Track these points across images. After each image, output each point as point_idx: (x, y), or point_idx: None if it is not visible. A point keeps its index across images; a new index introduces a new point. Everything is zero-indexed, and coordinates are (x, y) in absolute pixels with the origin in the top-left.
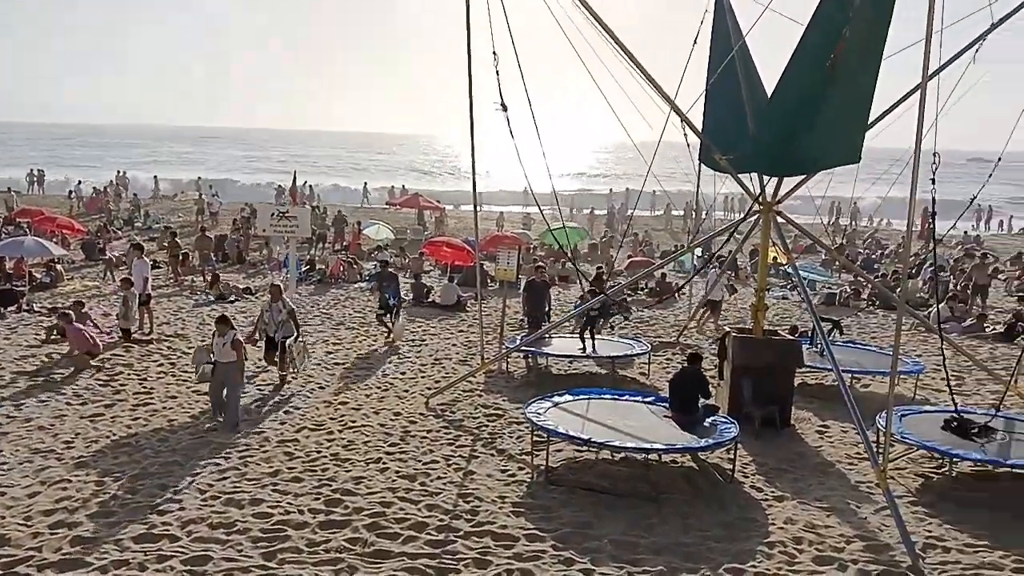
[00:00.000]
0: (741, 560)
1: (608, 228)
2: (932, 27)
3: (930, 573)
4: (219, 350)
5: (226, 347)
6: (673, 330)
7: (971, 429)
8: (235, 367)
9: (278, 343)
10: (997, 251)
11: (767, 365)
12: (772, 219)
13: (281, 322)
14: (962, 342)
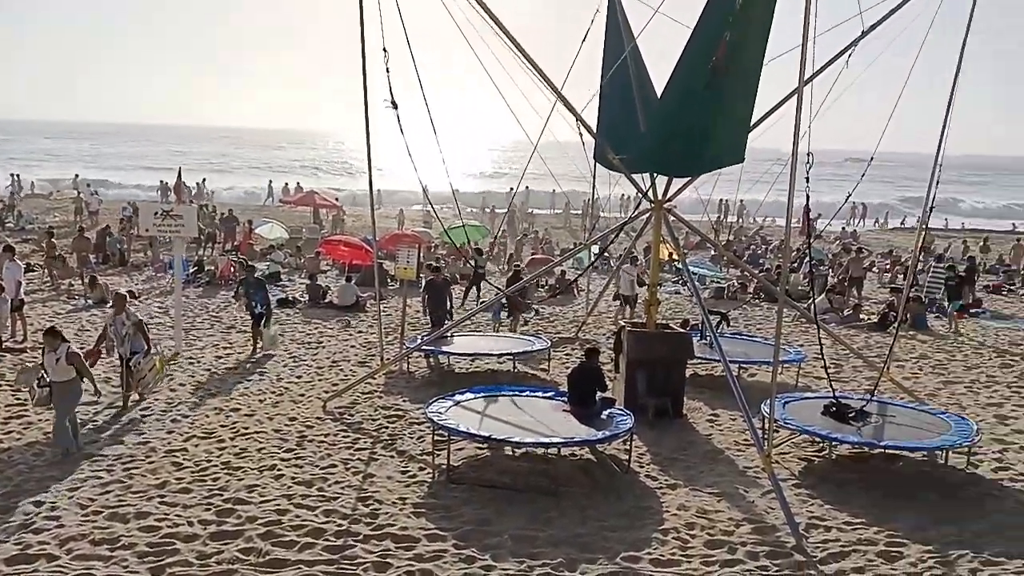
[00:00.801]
0: (637, 548)
1: (509, 226)
2: (807, 35)
3: (813, 551)
4: (52, 368)
5: (60, 363)
6: (572, 326)
7: (848, 414)
8: (72, 386)
9: (123, 359)
10: (872, 246)
11: (660, 358)
12: (663, 217)
13: (126, 336)
14: (840, 332)
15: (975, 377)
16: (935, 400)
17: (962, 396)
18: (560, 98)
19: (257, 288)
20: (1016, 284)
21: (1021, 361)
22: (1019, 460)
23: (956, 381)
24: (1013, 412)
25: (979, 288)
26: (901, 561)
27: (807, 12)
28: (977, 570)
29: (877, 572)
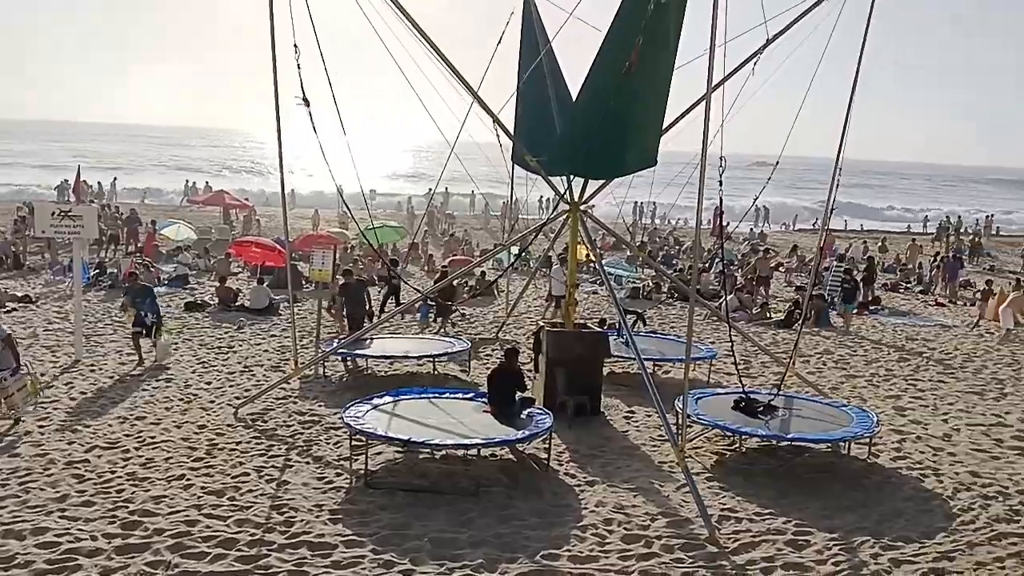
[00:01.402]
0: (556, 545)
1: (428, 227)
2: (715, 42)
3: (725, 542)
4: None
5: None
6: (493, 327)
7: (757, 408)
8: None
9: None
10: (778, 246)
11: (578, 357)
12: (579, 219)
13: None
14: (748, 329)
15: (875, 371)
16: (838, 393)
17: (863, 389)
18: (476, 99)
19: (144, 295)
20: (912, 282)
21: (917, 356)
22: (916, 449)
23: (857, 375)
24: (910, 404)
25: (878, 287)
26: (808, 549)
27: (714, 20)
28: (878, 554)
29: (786, 560)
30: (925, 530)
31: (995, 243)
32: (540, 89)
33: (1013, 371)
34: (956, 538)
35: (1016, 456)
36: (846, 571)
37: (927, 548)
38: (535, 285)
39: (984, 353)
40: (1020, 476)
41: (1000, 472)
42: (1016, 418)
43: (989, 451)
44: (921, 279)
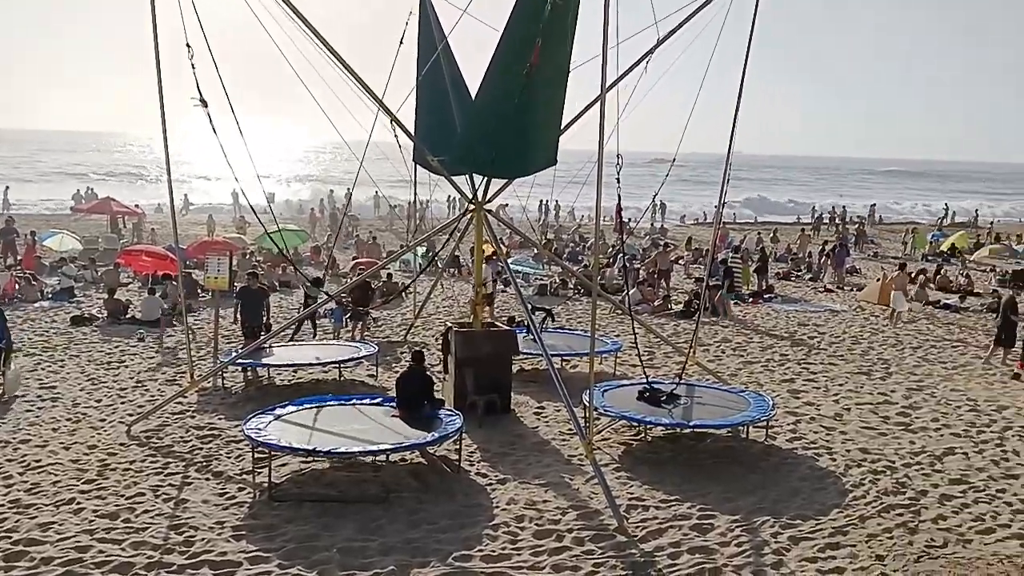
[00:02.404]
0: (468, 546)
1: (331, 230)
2: (607, 43)
3: (634, 531)
4: None
5: None
6: (401, 329)
7: (660, 397)
8: None
9: None
10: (678, 240)
11: (487, 355)
12: (484, 218)
13: None
14: (651, 321)
15: (770, 356)
16: (736, 379)
17: (760, 374)
18: (375, 99)
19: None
20: (802, 271)
21: (809, 340)
22: (810, 430)
23: (754, 361)
24: (803, 387)
25: (771, 275)
26: (712, 532)
27: (605, 22)
28: (778, 533)
29: (692, 545)
30: (820, 507)
31: (878, 231)
32: (439, 88)
33: (897, 351)
34: (849, 513)
35: (901, 431)
36: (748, 551)
37: (823, 524)
38: (442, 286)
39: (870, 335)
40: (905, 450)
41: (887, 447)
42: (900, 395)
43: (877, 428)
44: (811, 267)
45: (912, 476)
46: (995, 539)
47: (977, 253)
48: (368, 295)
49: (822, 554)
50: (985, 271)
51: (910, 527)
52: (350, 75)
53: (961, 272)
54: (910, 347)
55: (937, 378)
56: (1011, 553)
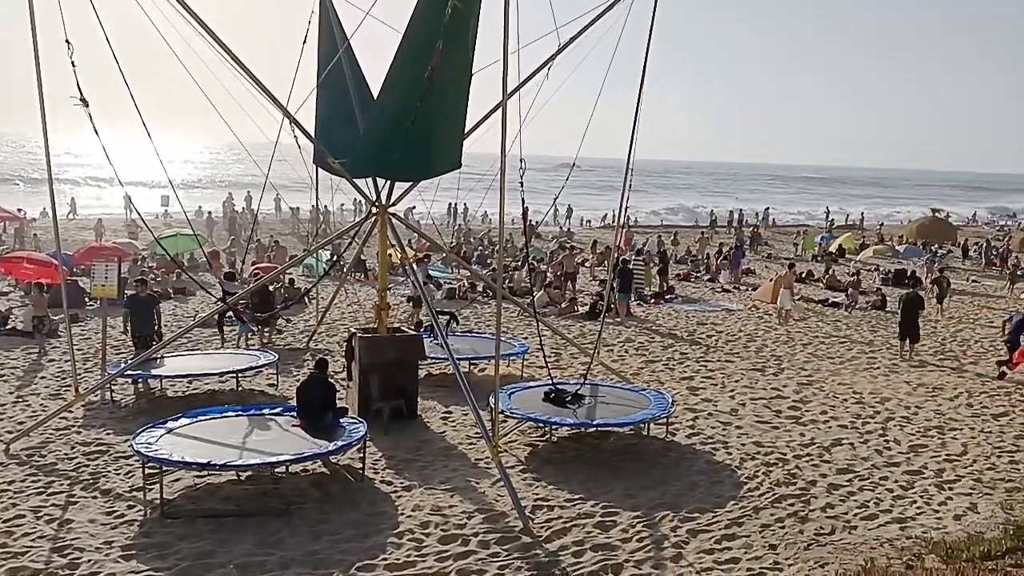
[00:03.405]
0: (372, 556)
1: (230, 233)
2: (508, 49)
3: (539, 531)
4: None
5: None
6: (303, 336)
7: (565, 398)
8: None
9: None
10: (584, 243)
11: (392, 361)
12: (388, 221)
13: None
14: (558, 323)
15: (671, 355)
16: (639, 378)
17: (661, 373)
18: (272, 100)
19: None
20: (701, 272)
21: (707, 339)
22: (707, 425)
23: (656, 360)
24: (701, 384)
25: (672, 277)
26: (615, 529)
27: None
28: (677, 527)
29: (595, 543)
30: (717, 499)
31: (772, 233)
32: (341, 90)
33: (788, 348)
34: (744, 504)
35: (792, 424)
36: (649, 546)
37: (719, 516)
38: (345, 291)
39: (764, 333)
40: (796, 442)
41: (779, 440)
42: (792, 390)
43: (770, 422)
44: (709, 268)
45: (802, 467)
46: (878, 524)
47: (862, 253)
48: (270, 300)
49: (719, 545)
50: (870, 270)
51: (800, 516)
52: (246, 75)
53: (849, 272)
54: (801, 343)
55: (826, 373)
56: (892, 537)
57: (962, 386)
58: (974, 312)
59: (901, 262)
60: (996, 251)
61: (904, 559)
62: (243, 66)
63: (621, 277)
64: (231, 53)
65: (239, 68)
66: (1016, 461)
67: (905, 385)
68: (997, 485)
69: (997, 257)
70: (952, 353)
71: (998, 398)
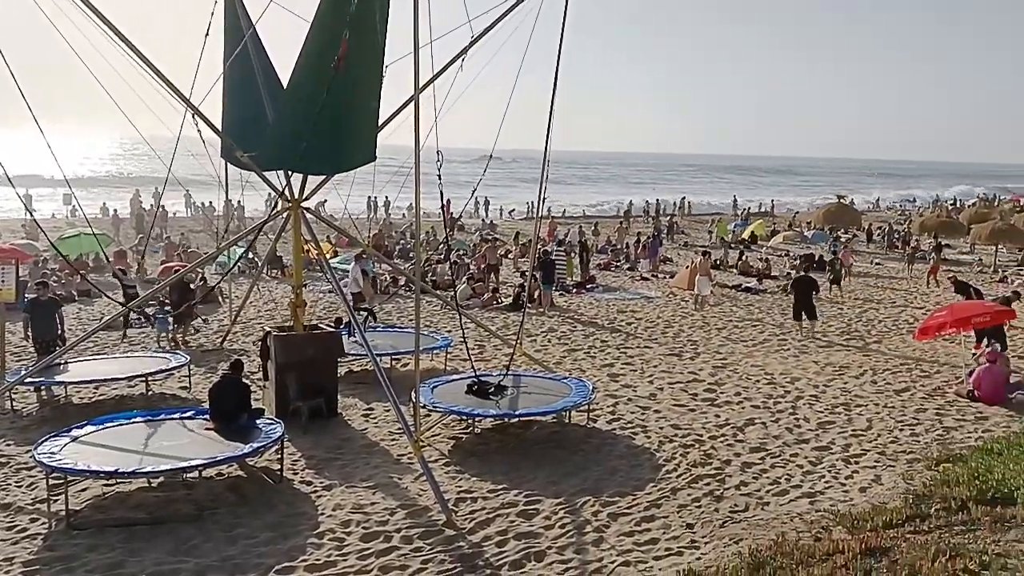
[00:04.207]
0: (291, 557)
1: (137, 231)
2: (418, 42)
3: (462, 524)
4: None
5: None
6: (217, 336)
7: (488, 390)
8: None
9: None
10: (507, 235)
11: (310, 359)
12: (301, 216)
13: None
14: (482, 315)
15: (592, 343)
16: (561, 367)
17: (582, 361)
18: (174, 91)
19: None
20: (621, 261)
21: (627, 326)
22: (627, 411)
23: (577, 349)
24: (621, 370)
25: (592, 266)
26: (537, 517)
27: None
28: (598, 511)
29: (518, 531)
30: (637, 483)
31: (688, 222)
32: (248, 81)
33: (704, 332)
34: (662, 486)
35: (708, 406)
36: (571, 532)
37: (639, 499)
38: (258, 289)
39: (681, 319)
40: (711, 423)
41: (696, 422)
42: (707, 373)
43: (687, 405)
44: (628, 257)
45: (717, 447)
46: (788, 499)
47: (773, 240)
48: (189, 297)
49: (638, 527)
50: (780, 256)
51: (716, 495)
52: (144, 64)
53: (760, 257)
54: (716, 328)
55: (739, 355)
56: (802, 511)
57: (867, 364)
58: (878, 293)
59: (810, 247)
60: (897, 235)
61: (813, 532)
62: (141, 55)
63: (543, 268)
64: (127, 41)
65: (137, 57)
66: (916, 434)
67: (814, 365)
68: (899, 457)
69: (899, 240)
70: (857, 333)
71: (900, 375)
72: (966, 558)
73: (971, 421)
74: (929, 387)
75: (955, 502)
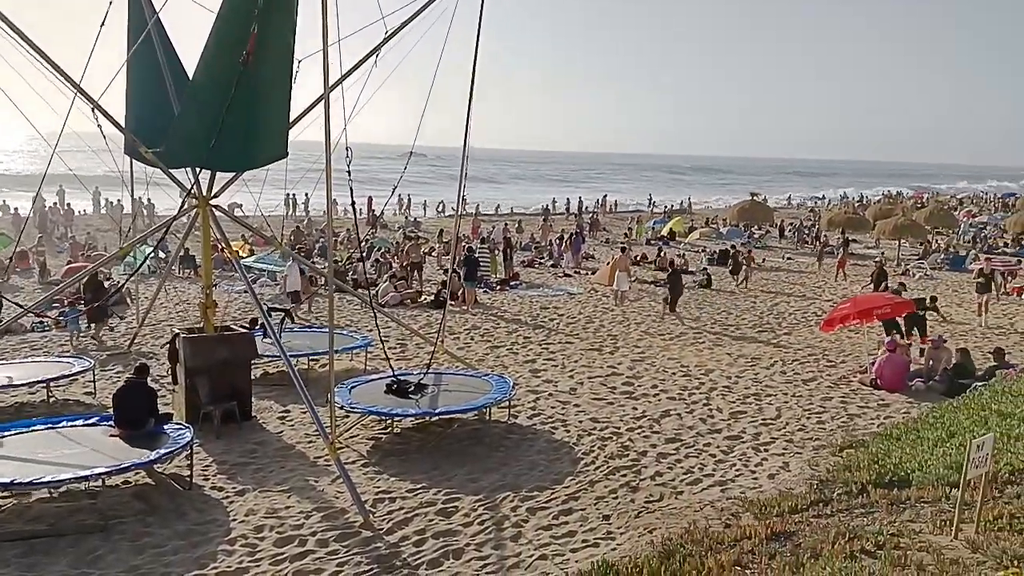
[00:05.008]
0: (202, 566)
1: (39, 231)
2: (327, 39)
3: (380, 525)
4: None
5: None
6: (125, 339)
7: (408, 389)
8: None
9: None
10: (431, 232)
11: (222, 362)
12: (210, 214)
13: None
14: (403, 313)
15: (515, 340)
16: (484, 364)
17: (505, 357)
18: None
19: None
20: (544, 258)
21: (549, 322)
22: (548, 405)
23: (500, 345)
24: (543, 366)
25: (516, 264)
26: (457, 514)
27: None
28: (517, 506)
29: (436, 530)
30: (556, 476)
31: (610, 219)
32: (153, 74)
33: (624, 327)
34: (580, 479)
35: (626, 399)
36: (490, 528)
37: (557, 493)
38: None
39: (602, 314)
40: (629, 416)
41: (614, 415)
42: (626, 367)
43: (605, 398)
44: (552, 254)
45: (634, 439)
46: (701, 488)
47: (690, 236)
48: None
49: (556, 521)
50: (698, 252)
51: (632, 486)
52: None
53: (678, 253)
54: (635, 322)
55: (657, 349)
56: (713, 499)
57: (777, 355)
58: (788, 287)
59: (725, 243)
60: (808, 231)
61: (723, 519)
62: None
63: (467, 265)
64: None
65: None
66: (822, 421)
67: (727, 356)
68: (806, 444)
69: (809, 236)
70: (768, 325)
71: (808, 365)
72: (863, 539)
73: (873, 408)
74: (835, 376)
75: (856, 486)
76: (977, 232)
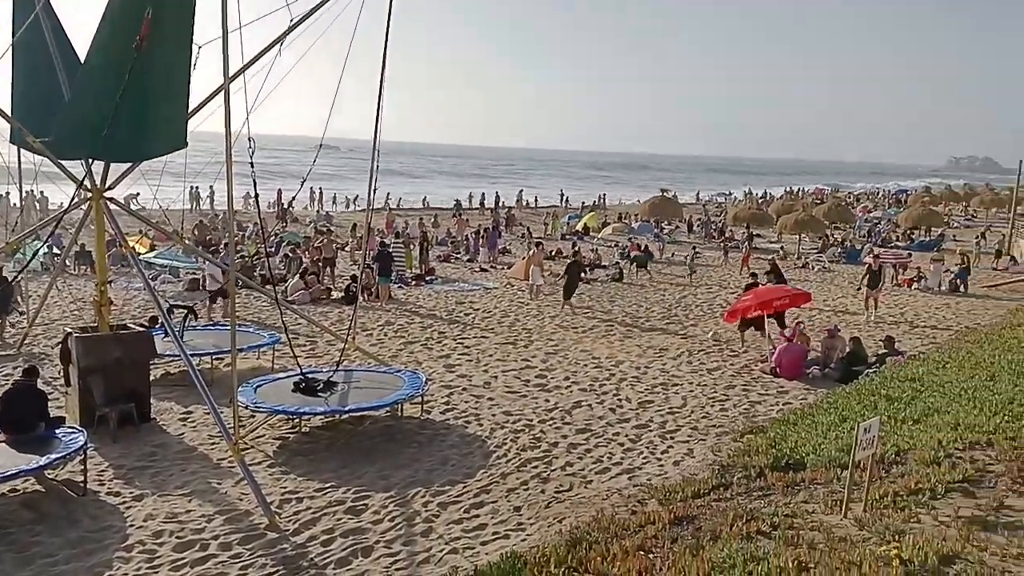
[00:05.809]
0: (96, 574)
1: None
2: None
3: (286, 526)
4: None
5: None
6: (13, 340)
7: (316, 387)
8: None
9: None
10: (344, 226)
11: (117, 361)
12: (104, 207)
13: None
14: (314, 310)
15: (429, 335)
16: (397, 360)
17: (419, 353)
18: None
19: None
20: (460, 253)
21: (464, 317)
22: (462, 400)
23: (414, 341)
24: (457, 361)
25: (432, 258)
26: (366, 512)
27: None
28: (428, 502)
29: (345, 528)
30: (468, 470)
31: (526, 214)
32: (42, 60)
33: (538, 321)
34: (492, 472)
35: (539, 392)
36: (400, 524)
37: (469, 486)
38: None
39: (517, 309)
40: (541, 408)
41: (527, 407)
42: (540, 360)
43: (519, 391)
44: (468, 249)
45: (546, 431)
46: (610, 477)
47: (603, 231)
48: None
49: (467, 515)
50: (610, 247)
51: (543, 477)
52: None
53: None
54: (549, 316)
55: (570, 342)
56: (621, 487)
57: (684, 346)
58: (695, 279)
59: (636, 238)
60: (715, 225)
61: (630, 506)
62: None
63: (380, 260)
64: None
65: None
66: (725, 409)
67: (637, 348)
68: (709, 431)
69: (715, 231)
70: (676, 317)
71: (712, 355)
72: (760, 520)
73: (773, 395)
74: (738, 365)
75: (754, 470)
76: (872, 227)
